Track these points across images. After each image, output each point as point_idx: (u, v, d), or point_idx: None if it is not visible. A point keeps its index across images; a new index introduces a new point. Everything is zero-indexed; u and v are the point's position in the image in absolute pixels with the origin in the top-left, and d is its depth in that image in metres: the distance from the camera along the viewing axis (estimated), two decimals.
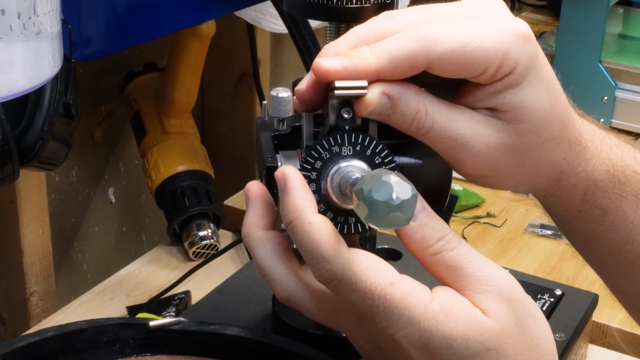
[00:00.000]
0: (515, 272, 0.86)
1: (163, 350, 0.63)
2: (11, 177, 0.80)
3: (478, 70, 0.52)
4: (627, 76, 1.49)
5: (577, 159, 0.58)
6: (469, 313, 0.50)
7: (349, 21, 0.60)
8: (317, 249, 0.50)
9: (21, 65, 0.54)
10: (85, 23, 0.80)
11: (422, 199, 0.52)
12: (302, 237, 0.51)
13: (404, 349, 0.51)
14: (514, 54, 0.52)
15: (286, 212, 0.51)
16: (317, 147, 0.52)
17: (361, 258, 0.51)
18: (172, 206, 1.13)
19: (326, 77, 0.52)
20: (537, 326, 0.52)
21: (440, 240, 0.52)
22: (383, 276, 0.50)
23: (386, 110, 0.52)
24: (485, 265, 0.52)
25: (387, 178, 0.46)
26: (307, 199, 0.51)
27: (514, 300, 0.51)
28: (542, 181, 0.58)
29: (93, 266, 1.33)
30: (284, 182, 0.52)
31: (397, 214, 0.46)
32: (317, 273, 0.51)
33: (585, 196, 0.59)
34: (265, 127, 0.61)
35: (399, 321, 0.50)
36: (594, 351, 0.93)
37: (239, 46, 1.36)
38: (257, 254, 0.54)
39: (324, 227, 0.50)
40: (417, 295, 0.50)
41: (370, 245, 0.63)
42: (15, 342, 0.60)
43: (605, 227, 0.60)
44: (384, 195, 0.46)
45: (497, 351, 0.51)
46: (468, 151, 0.53)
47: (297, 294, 0.54)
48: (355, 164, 0.52)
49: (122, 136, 1.33)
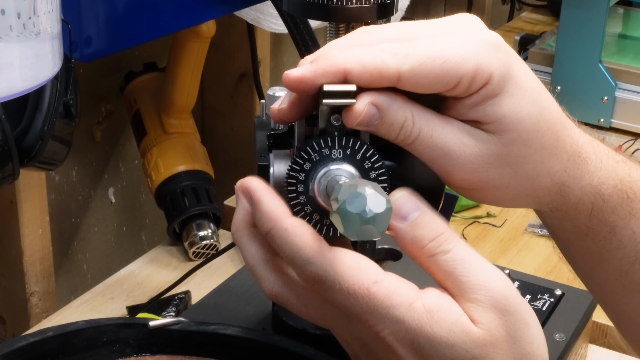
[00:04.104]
0: (515, 272, 0.86)
1: (163, 350, 0.63)
2: (11, 177, 0.80)
3: (450, 83, 0.51)
4: (627, 76, 1.49)
5: (580, 171, 0.57)
6: (455, 319, 0.50)
7: (349, 21, 0.60)
8: (297, 253, 0.50)
9: (21, 66, 0.54)
10: (85, 23, 0.80)
11: (417, 198, 0.52)
12: (281, 244, 0.51)
13: (390, 347, 0.51)
14: (486, 64, 0.51)
15: (261, 223, 0.52)
16: (307, 148, 0.52)
17: (344, 258, 0.50)
18: (172, 206, 1.13)
19: (297, 87, 0.51)
20: (530, 335, 0.52)
21: (433, 241, 0.51)
22: (366, 275, 0.50)
23: (375, 121, 0.51)
24: (481, 271, 0.51)
25: (362, 190, 0.46)
26: (277, 206, 0.51)
27: (508, 311, 0.51)
28: (542, 194, 0.56)
29: (93, 266, 1.33)
30: (250, 195, 0.52)
31: (369, 227, 0.46)
32: (302, 276, 0.51)
33: (593, 211, 0.57)
34: (262, 126, 0.61)
35: (384, 319, 0.50)
36: (594, 351, 0.93)
37: (239, 46, 1.36)
38: (245, 250, 0.55)
39: (301, 230, 0.50)
40: (402, 293, 0.50)
41: (370, 245, 0.63)
42: (15, 342, 0.60)
43: (614, 246, 0.59)
44: (357, 207, 0.46)
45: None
46: (455, 161, 0.53)
47: (284, 292, 0.54)
48: (344, 167, 0.51)
49: (122, 136, 1.33)
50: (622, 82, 1.49)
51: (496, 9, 2.09)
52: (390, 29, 0.53)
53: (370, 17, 0.60)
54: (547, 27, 1.88)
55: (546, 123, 0.54)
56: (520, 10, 2.09)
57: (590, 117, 1.46)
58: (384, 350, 0.52)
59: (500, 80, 0.52)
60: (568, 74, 1.51)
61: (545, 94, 0.55)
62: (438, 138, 0.52)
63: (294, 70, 0.52)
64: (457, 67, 0.51)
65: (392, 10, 0.61)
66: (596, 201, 0.57)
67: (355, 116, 0.51)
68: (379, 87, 0.51)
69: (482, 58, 0.51)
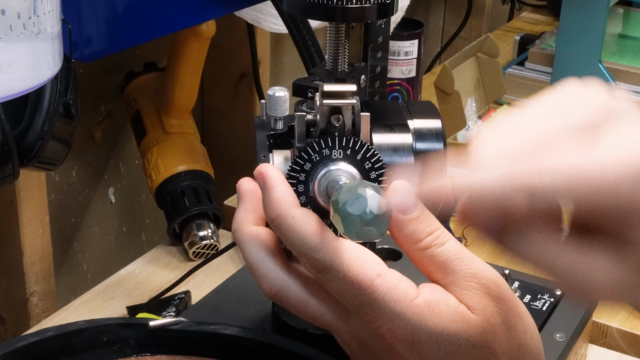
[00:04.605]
0: (515, 272, 0.86)
1: (163, 350, 0.63)
2: (11, 177, 0.80)
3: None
4: (627, 76, 1.49)
5: None
6: (455, 309, 0.51)
7: (349, 21, 0.60)
8: (304, 241, 0.50)
9: (21, 66, 0.54)
10: (85, 23, 0.80)
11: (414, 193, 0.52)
12: (287, 232, 0.51)
13: (389, 344, 0.51)
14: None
15: (268, 209, 0.52)
16: (307, 148, 0.52)
17: (350, 248, 0.51)
18: (172, 206, 1.13)
19: None
20: (523, 325, 0.52)
21: (430, 235, 0.52)
22: (370, 267, 0.50)
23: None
24: (473, 262, 0.52)
25: (363, 191, 0.46)
26: (288, 195, 0.52)
27: (500, 298, 0.52)
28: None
29: (93, 266, 1.33)
30: (263, 180, 0.52)
31: (370, 228, 0.46)
32: (308, 263, 0.51)
33: None
34: (262, 126, 0.61)
35: (384, 314, 0.50)
36: (594, 351, 0.93)
37: (239, 46, 1.36)
38: (246, 249, 0.55)
39: (308, 219, 0.51)
40: (403, 289, 0.50)
41: (370, 245, 0.63)
42: (15, 342, 0.60)
43: None
44: (358, 209, 0.46)
45: (483, 348, 0.51)
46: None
47: (283, 290, 0.54)
48: (344, 168, 0.52)
49: (122, 136, 1.33)
50: (622, 82, 1.49)
51: (496, 9, 2.09)
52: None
53: (370, 17, 0.60)
54: (547, 27, 1.88)
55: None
56: (520, 10, 2.09)
57: None
58: (382, 349, 0.52)
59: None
60: (568, 74, 1.51)
61: None
62: None
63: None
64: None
65: (392, 10, 0.61)
66: None
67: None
68: None
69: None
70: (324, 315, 0.54)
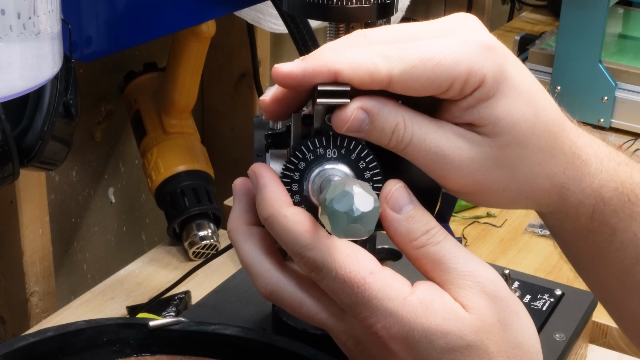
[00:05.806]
0: (515, 272, 0.86)
1: (163, 350, 0.63)
2: (11, 177, 0.80)
3: (443, 86, 0.51)
4: (627, 76, 1.49)
5: (580, 173, 0.56)
6: (449, 308, 0.51)
7: (349, 21, 0.60)
8: (296, 240, 0.50)
9: (21, 66, 0.54)
10: (85, 23, 0.80)
11: (409, 192, 0.52)
12: (280, 231, 0.51)
13: (384, 342, 0.51)
14: (479, 66, 0.51)
15: (261, 208, 0.52)
16: (301, 148, 0.52)
17: (342, 246, 0.51)
18: (172, 206, 1.13)
19: (284, 82, 0.51)
20: (520, 323, 0.52)
21: (426, 233, 0.52)
22: (363, 265, 0.50)
23: (365, 126, 0.51)
24: (470, 260, 0.52)
25: (350, 188, 0.46)
26: (281, 194, 0.52)
27: (497, 297, 0.51)
28: (542, 196, 0.56)
29: (93, 266, 1.33)
30: (256, 179, 0.52)
31: (357, 226, 0.46)
32: (301, 262, 0.51)
33: (594, 214, 0.57)
34: (261, 125, 0.61)
35: (378, 312, 0.50)
36: (594, 351, 0.93)
37: (239, 46, 1.36)
38: (241, 248, 0.55)
39: (300, 217, 0.51)
40: (397, 287, 0.50)
41: (370, 245, 0.63)
42: (15, 342, 0.60)
43: (615, 247, 0.58)
44: (345, 206, 0.46)
45: (478, 347, 0.51)
46: (450, 165, 0.52)
47: (278, 289, 0.54)
48: (338, 167, 0.52)
49: (122, 136, 1.33)
50: (622, 82, 1.49)
51: (496, 9, 2.09)
52: (385, 32, 0.53)
53: (370, 17, 0.60)
54: (547, 27, 1.88)
55: (543, 124, 0.54)
56: (520, 10, 2.09)
57: (590, 117, 1.46)
58: (377, 348, 0.52)
59: (493, 82, 0.51)
60: (568, 74, 1.51)
61: (542, 95, 0.55)
62: (431, 142, 0.52)
63: (284, 64, 0.51)
64: (449, 69, 0.50)
65: (392, 10, 0.61)
66: (597, 204, 0.57)
67: (344, 121, 0.51)
68: (371, 89, 0.51)
69: (474, 60, 0.51)
70: (318, 314, 0.54)
